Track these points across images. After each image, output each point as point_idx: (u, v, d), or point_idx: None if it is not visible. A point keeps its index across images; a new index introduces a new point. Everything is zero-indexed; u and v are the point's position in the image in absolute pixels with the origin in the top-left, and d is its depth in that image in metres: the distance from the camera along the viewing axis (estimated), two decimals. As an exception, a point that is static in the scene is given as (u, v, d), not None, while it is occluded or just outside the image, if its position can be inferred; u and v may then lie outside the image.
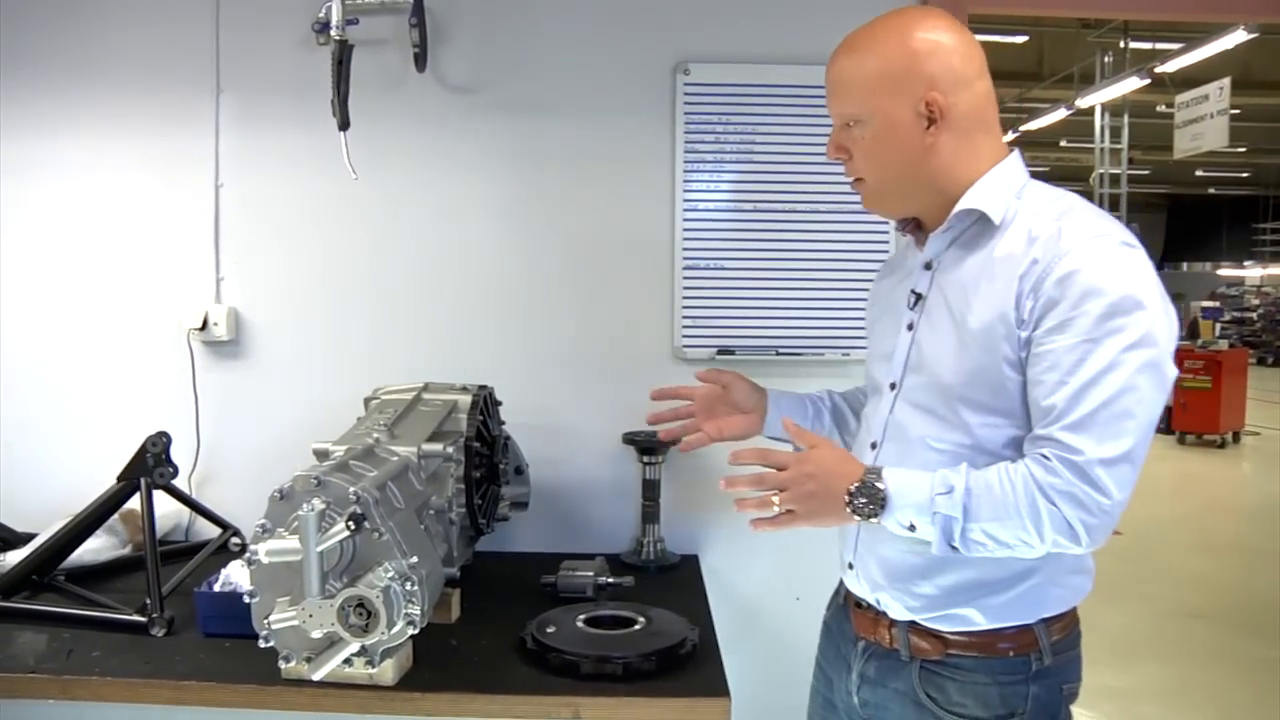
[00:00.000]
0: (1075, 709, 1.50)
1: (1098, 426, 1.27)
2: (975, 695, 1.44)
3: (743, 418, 1.78)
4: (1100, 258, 1.31)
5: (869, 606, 1.55)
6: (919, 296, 1.51)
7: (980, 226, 1.44)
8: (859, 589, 1.57)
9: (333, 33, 2.24)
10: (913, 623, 1.48)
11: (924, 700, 1.47)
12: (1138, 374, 1.27)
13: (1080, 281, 1.29)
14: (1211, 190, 21.34)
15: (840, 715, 1.63)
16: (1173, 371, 1.32)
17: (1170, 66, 9.38)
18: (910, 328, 1.51)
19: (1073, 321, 1.29)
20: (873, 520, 1.37)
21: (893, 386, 1.52)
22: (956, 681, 1.45)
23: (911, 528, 1.35)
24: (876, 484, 1.36)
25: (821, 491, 1.38)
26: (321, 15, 2.27)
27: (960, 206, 1.43)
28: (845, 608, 1.64)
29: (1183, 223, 22.19)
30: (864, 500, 1.36)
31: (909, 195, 1.50)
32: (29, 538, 2.17)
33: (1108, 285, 1.29)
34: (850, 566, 1.58)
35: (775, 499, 1.40)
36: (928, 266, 1.51)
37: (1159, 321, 1.30)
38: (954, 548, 1.34)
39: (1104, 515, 1.28)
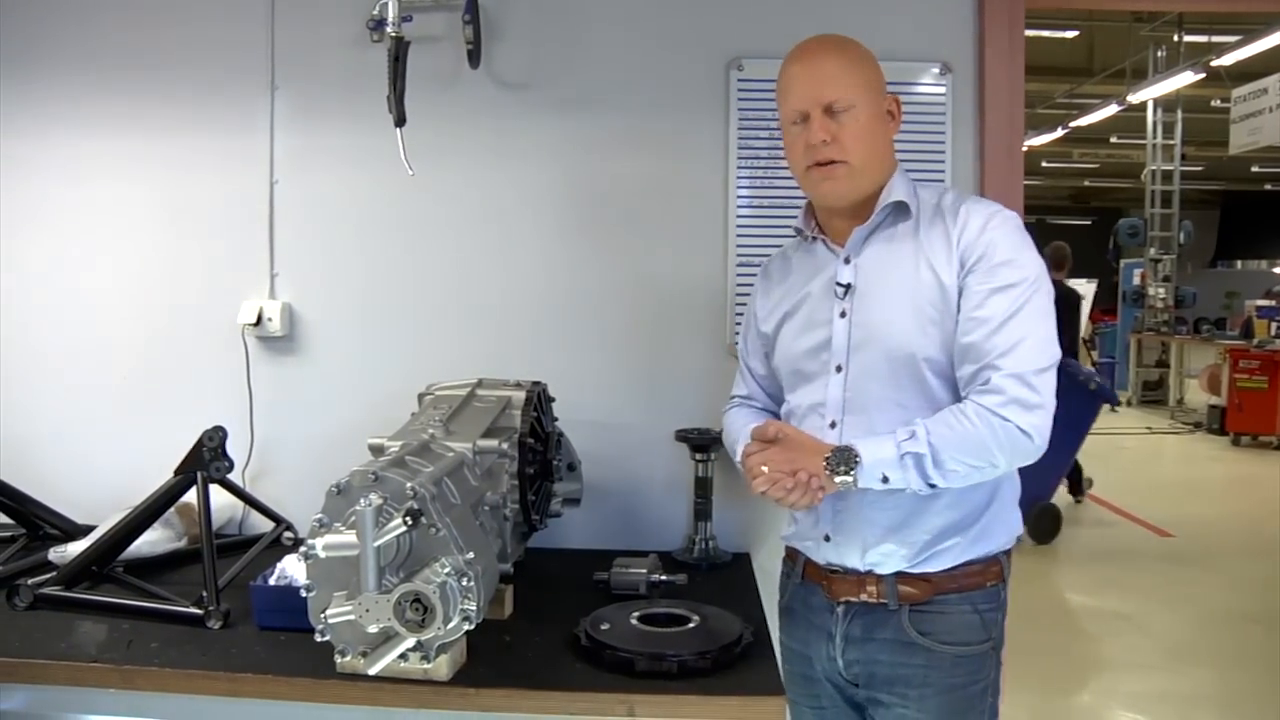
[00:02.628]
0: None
1: (1023, 351, 1.55)
2: (963, 624, 1.66)
3: None
4: (1000, 227, 1.63)
5: (849, 570, 1.70)
6: (848, 286, 1.71)
7: (893, 219, 1.70)
8: (841, 557, 1.71)
9: (389, 30, 2.25)
10: (899, 573, 1.67)
11: (915, 638, 1.66)
12: (1043, 309, 1.59)
13: (991, 246, 1.60)
14: (1268, 186, 20.91)
15: (823, 685, 1.77)
16: None
17: (1226, 60, 9.18)
18: (843, 315, 1.71)
19: (989, 274, 1.59)
20: (848, 478, 1.56)
21: (839, 369, 1.70)
22: (944, 615, 1.66)
23: (885, 479, 1.56)
24: (849, 447, 1.58)
25: (805, 458, 1.60)
26: (376, 12, 2.28)
27: (886, 199, 1.69)
28: (807, 583, 1.79)
29: (1237, 220, 21.74)
30: (839, 461, 1.57)
31: (874, 179, 1.70)
32: (88, 529, 2.20)
33: (1009, 247, 1.61)
34: (827, 539, 1.72)
35: (764, 468, 1.62)
36: (847, 260, 1.72)
37: (1044, 272, 1.63)
38: (932, 485, 1.56)
39: (1044, 412, 1.54)
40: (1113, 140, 15.75)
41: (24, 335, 2.53)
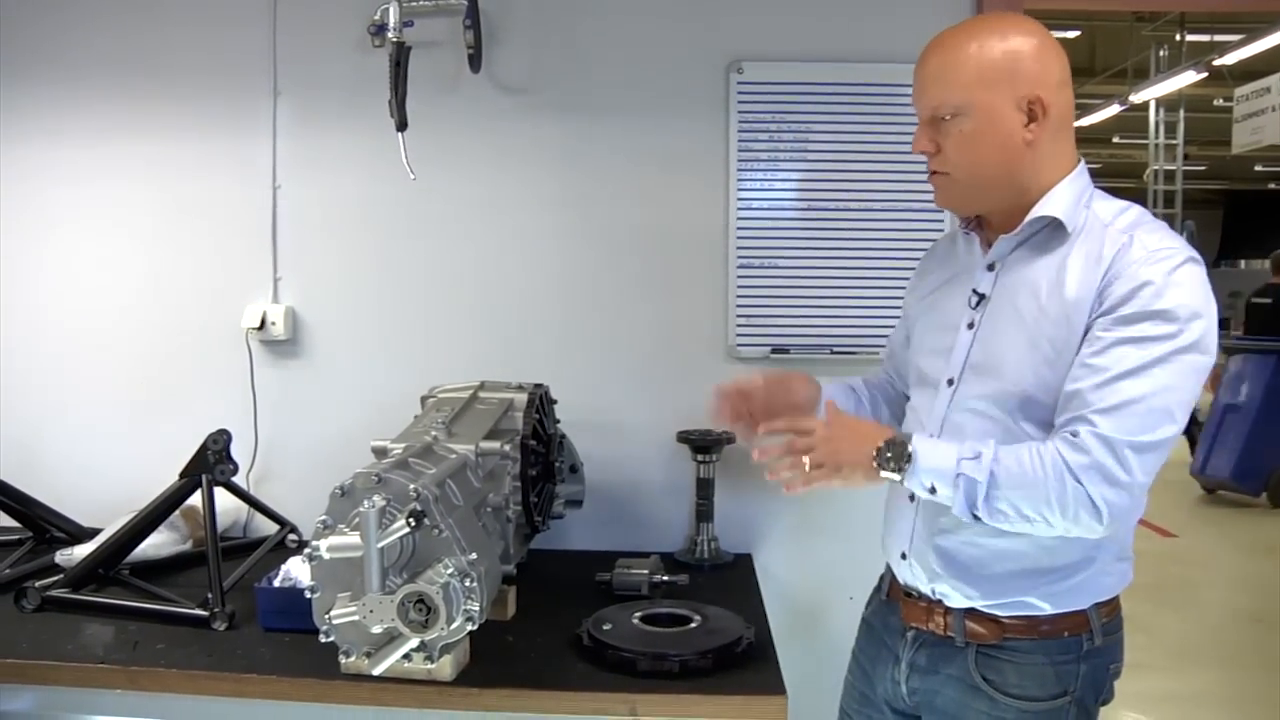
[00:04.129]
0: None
1: (1129, 416, 1.33)
2: (1032, 676, 1.50)
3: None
4: (1166, 271, 1.36)
5: (921, 596, 1.59)
6: (982, 296, 1.54)
7: (1050, 232, 1.48)
8: (913, 579, 1.60)
9: (390, 35, 2.26)
10: (970, 609, 1.53)
11: (980, 684, 1.51)
12: (1183, 375, 1.35)
13: (1144, 290, 1.35)
14: (1271, 185, 20.88)
15: (879, 708, 1.68)
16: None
17: (1229, 59, 9.17)
18: (971, 326, 1.54)
19: (1125, 322, 1.36)
20: (896, 476, 1.43)
21: (950, 383, 1.55)
22: (1014, 664, 1.50)
23: (933, 490, 1.41)
24: (905, 442, 1.42)
25: (849, 448, 1.46)
26: (377, 18, 2.29)
27: (1036, 213, 1.47)
28: (889, 601, 1.68)
29: (1240, 219, 21.69)
30: (890, 456, 1.42)
31: (991, 191, 1.51)
32: (94, 532, 2.22)
33: (1165, 295, 1.35)
34: (904, 557, 1.60)
35: (805, 459, 1.46)
36: (990, 267, 1.54)
37: (1210, 332, 1.37)
38: (976, 516, 1.39)
39: (1127, 494, 1.34)
40: (1115, 140, 15.73)
41: (29, 340, 2.54)
